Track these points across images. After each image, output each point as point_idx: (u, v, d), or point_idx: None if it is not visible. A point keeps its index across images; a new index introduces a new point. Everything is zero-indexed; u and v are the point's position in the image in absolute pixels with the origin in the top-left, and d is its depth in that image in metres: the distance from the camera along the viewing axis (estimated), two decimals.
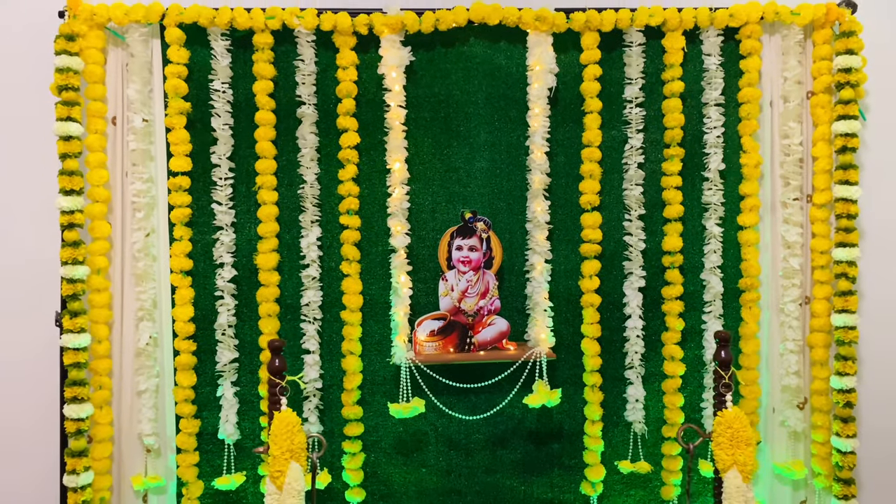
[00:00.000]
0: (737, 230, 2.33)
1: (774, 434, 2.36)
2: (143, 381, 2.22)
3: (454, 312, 2.28)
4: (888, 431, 2.47)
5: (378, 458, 2.35)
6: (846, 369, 2.24)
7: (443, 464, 2.37)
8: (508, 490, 2.38)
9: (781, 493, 2.37)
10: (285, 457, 1.38)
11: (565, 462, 2.38)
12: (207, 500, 2.30)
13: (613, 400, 2.35)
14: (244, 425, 2.29)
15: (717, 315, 2.33)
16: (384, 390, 2.34)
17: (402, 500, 2.36)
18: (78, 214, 2.11)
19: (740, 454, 1.41)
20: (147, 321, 2.22)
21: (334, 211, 2.29)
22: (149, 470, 2.25)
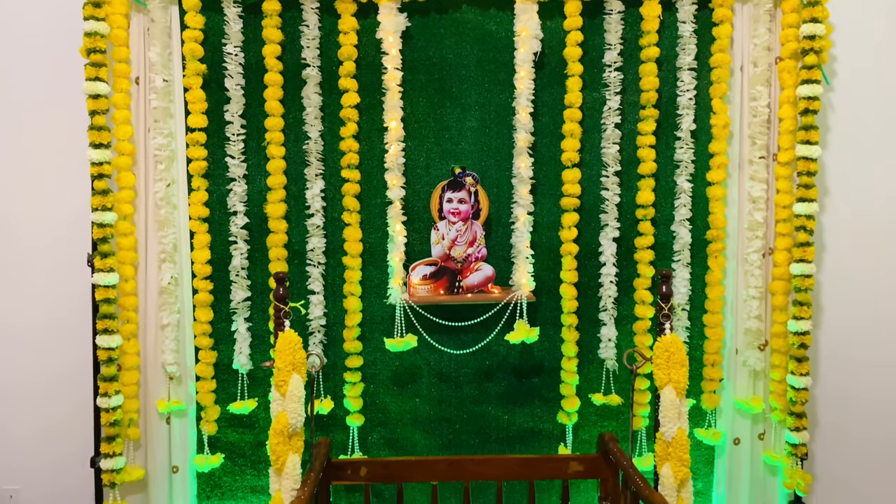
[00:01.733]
0: (705, 186, 2.53)
1: (737, 373, 2.58)
2: (165, 316, 2.48)
3: (445, 259, 2.50)
4: (841, 371, 2.70)
5: (376, 389, 2.61)
6: (802, 314, 2.44)
7: (434, 394, 2.62)
8: (493, 419, 2.63)
9: (742, 425, 2.60)
10: (288, 369, 1.63)
11: (544, 394, 2.62)
12: (223, 423, 2.57)
13: (588, 339, 2.58)
14: (256, 357, 2.56)
15: (686, 264, 2.55)
16: (381, 328, 2.58)
17: (398, 426, 2.62)
18: (106, 166, 2.35)
19: (675, 373, 1.64)
20: (169, 263, 2.47)
21: (336, 165, 2.51)
22: (171, 395, 2.53)
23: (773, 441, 2.60)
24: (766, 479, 2.62)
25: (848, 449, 2.74)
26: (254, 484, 2.59)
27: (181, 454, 2.54)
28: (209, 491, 2.59)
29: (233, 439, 2.58)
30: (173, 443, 2.54)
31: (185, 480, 2.55)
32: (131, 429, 2.48)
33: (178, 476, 2.54)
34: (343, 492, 2.56)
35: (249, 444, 2.59)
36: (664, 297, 1.71)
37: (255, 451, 2.59)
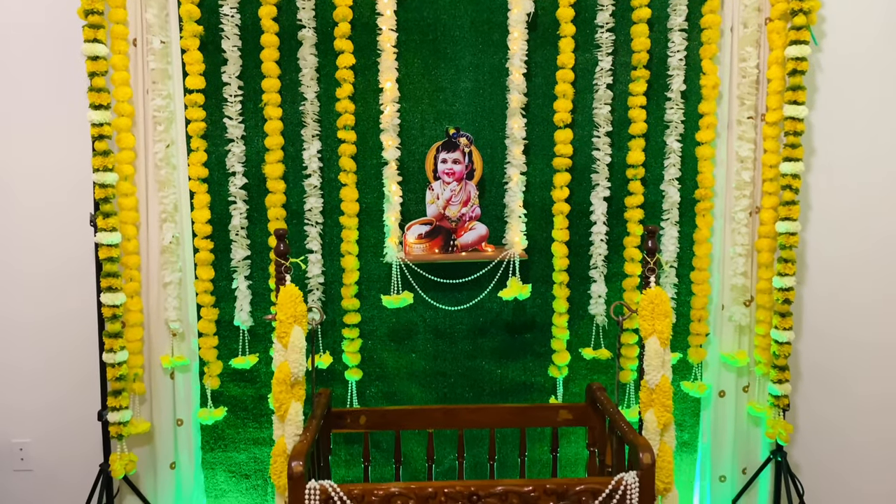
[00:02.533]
0: (695, 146, 2.58)
1: (723, 327, 2.67)
2: (167, 274, 2.55)
3: (439, 218, 2.56)
4: (823, 326, 2.79)
5: (374, 345, 2.69)
6: (786, 270, 2.52)
7: (430, 350, 2.70)
8: (487, 373, 2.72)
9: (727, 378, 2.70)
10: (290, 321, 1.70)
11: (536, 349, 2.71)
12: (225, 378, 2.66)
13: (579, 296, 2.66)
14: (256, 314, 2.63)
15: (674, 222, 2.61)
16: (378, 286, 2.65)
17: (395, 380, 2.71)
18: (106, 127, 2.39)
19: (659, 324, 1.72)
20: (169, 222, 2.53)
21: (333, 126, 2.55)
22: (175, 351, 2.60)
23: (756, 393, 2.70)
24: (749, 430, 2.73)
25: (828, 400, 2.84)
26: (255, 436, 2.69)
27: (185, 408, 2.63)
28: (213, 443, 2.68)
29: (235, 393, 2.67)
30: (177, 397, 2.62)
31: (189, 433, 2.64)
32: (137, 384, 2.56)
33: (182, 429, 2.63)
34: (342, 444, 2.66)
35: (251, 397, 2.67)
36: (650, 251, 1.78)
37: (257, 405, 2.68)
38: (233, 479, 2.70)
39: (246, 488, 2.71)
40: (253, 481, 2.71)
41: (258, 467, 2.70)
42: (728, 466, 2.72)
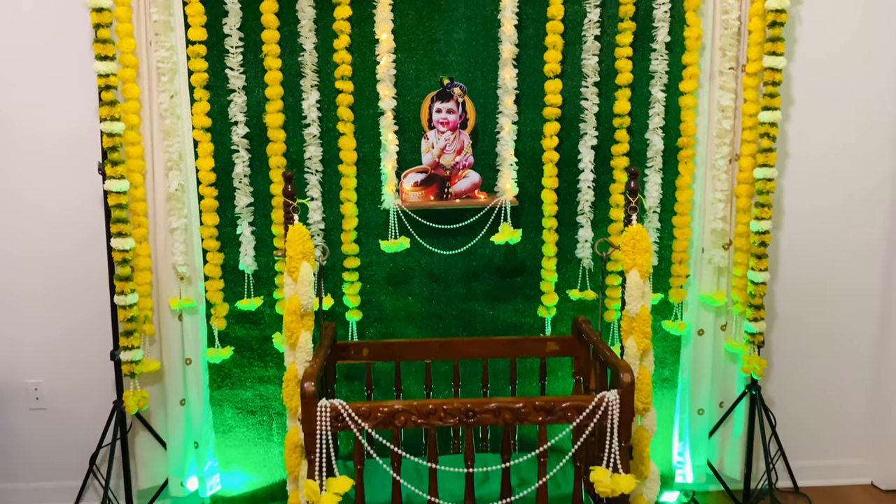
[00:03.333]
0: (678, 95, 2.70)
1: (702, 270, 2.82)
2: (174, 220, 2.66)
3: (434, 167, 2.68)
4: (797, 268, 2.95)
5: (372, 288, 2.82)
6: (763, 215, 2.66)
7: (426, 293, 2.84)
8: (480, 314, 2.86)
9: (706, 318, 2.86)
10: (299, 257, 1.82)
11: (526, 292, 2.85)
12: (231, 319, 2.79)
13: (567, 241, 2.79)
14: (260, 259, 2.75)
15: (658, 169, 2.74)
16: (376, 232, 2.77)
17: (393, 322, 2.85)
18: (112, 77, 2.47)
19: (640, 258, 1.86)
20: (175, 170, 2.63)
21: (330, 77, 2.64)
22: (182, 294, 2.73)
23: (733, 331, 2.86)
24: (726, 366, 2.90)
25: (800, 338, 3.01)
26: (261, 374, 2.83)
27: (193, 348, 2.77)
28: (220, 381, 2.83)
29: (241, 334, 2.81)
30: (186, 337, 2.76)
31: (197, 371, 2.79)
32: (147, 325, 2.69)
33: (191, 367, 2.77)
34: (344, 381, 2.81)
35: (256, 338, 2.81)
36: (632, 192, 1.90)
37: (262, 345, 2.82)
38: (239, 415, 2.85)
39: (252, 424, 2.87)
40: (259, 417, 2.86)
41: (263, 404, 2.86)
42: (706, 400, 2.89)
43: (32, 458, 2.93)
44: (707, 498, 2.99)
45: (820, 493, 3.03)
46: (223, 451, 2.87)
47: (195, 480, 2.86)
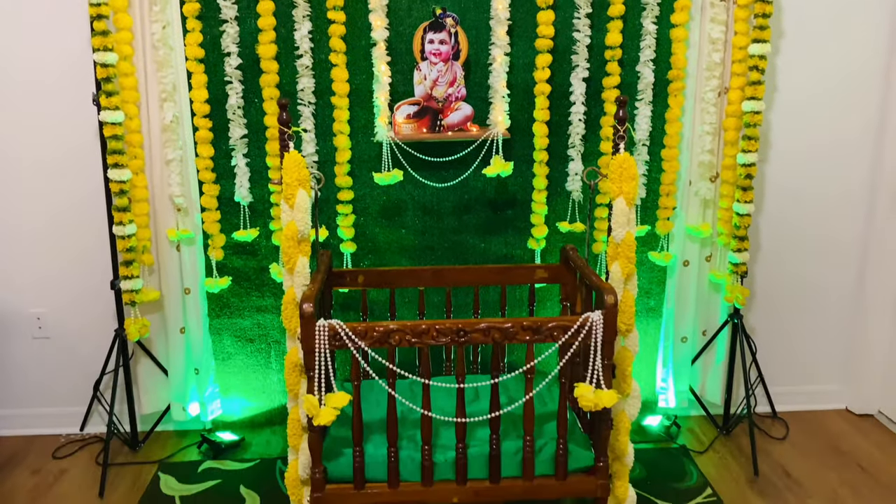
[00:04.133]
0: (669, 28, 2.71)
1: (689, 202, 2.89)
2: (170, 152, 2.69)
3: (427, 98, 2.70)
4: (781, 201, 3.02)
5: (366, 221, 2.88)
6: (750, 147, 2.71)
7: (419, 225, 2.90)
8: (471, 247, 2.93)
9: (691, 249, 2.94)
10: (295, 184, 1.87)
11: (517, 224, 2.91)
12: (228, 250, 2.85)
13: (557, 174, 2.84)
14: (255, 191, 2.80)
15: (648, 102, 2.77)
16: (369, 165, 2.81)
17: (386, 254, 2.92)
18: (103, 7, 2.46)
19: (626, 186, 1.91)
20: (169, 102, 2.65)
21: (323, 7, 2.64)
22: (180, 225, 2.78)
23: (717, 262, 2.95)
24: (710, 296, 3.00)
25: (782, 269, 3.11)
26: (258, 304, 2.91)
27: (192, 277, 2.84)
28: (219, 310, 2.91)
29: (238, 265, 2.87)
30: (184, 268, 2.82)
31: (196, 301, 2.86)
32: (145, 255, 2.75)
33: (190, 297, 2.85)
34: (339, 311, 2.89)
35: (253, 269, 2.88)
36: (620, 120, 1.94)
37: (259, 276, 2.89)
38: (238, 343, 2.94)
39: (251, 351, 2.96)
40: (257, 345, 2.96)
41: (262, 332, 2.94)
42: (689, 329, 3.00)
43: (38, 385, 3.03)
44: (688, 422, 3.13)
45: (797, 418, 3.17)
46: (223, 378, 2.97)
47: (196, 406, 2.97)
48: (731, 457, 2.87)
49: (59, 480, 2.74)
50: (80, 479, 2.74)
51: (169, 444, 2.97)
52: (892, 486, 2.68)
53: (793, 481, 2.71)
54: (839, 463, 2.84)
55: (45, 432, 3.05)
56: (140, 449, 2.93)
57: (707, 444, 2.95)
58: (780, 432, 3.06)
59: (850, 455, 2.89)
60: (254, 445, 2.95)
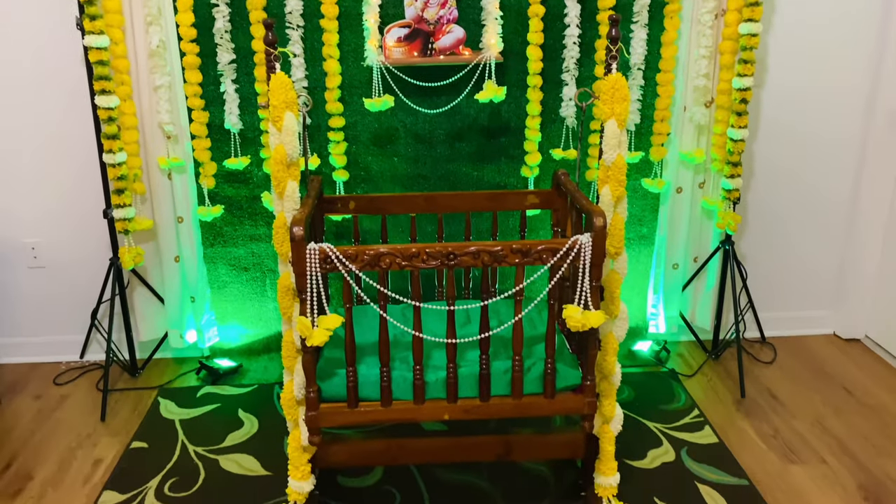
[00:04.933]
0: None
1: (683, 128, 2.86)
2: (157, 77, 2.65)
3: (417, 21, 2.64)
4: (776, 127, 3.00)
5: (358, 149, 2.86)
6: (745, 71, 2.67)
7: (411, 154, 2.88)
8: (464, 175, 2.92)
9: (684, 176, 2.93)
10: (282, 107, 1.85)
11: (510, 152, 2.89)
12: (220, 179, 2.84)
13: (551, 99, 2.80)
14: (245, 118, 2.77)
15: (643, 25, 2.72)
16: (360, 91, 2.77)
17: (379, 183, 2.91)
18: None
19: (618, 107, 1.89)
20: (155, 25, 2.59)
21: None
22: (170, 153, 2.76)
23: (710, 189, 2.94)
24: (702, 223, 3.01)
25: (775, 196, 3.11)
26: (252, 233, 2.92)
27: (184, 206, 2.84)
28: (212, 239, 2.91)
29: (230, 194, 2.87)
30: (176, 196, 2.82)
31: (190, 229, 2.87)
32: (137, 183, 2.74)
33: (183, 226, 2.85)
34: (332, 238, 2.90)
35: (245, 197, 2.87)
36: (613, 40, 1.91)
37: (251, 204, 2.89)
38: (233, 271, 2.97)
39: (246, 280, 2.98)
40: (252, 273, 2.98)
41: (256, 261, 2.96)
42: (681, 256, 3.02)
43: (37, 314, 3.07)
44: (678, 347, 3.18)
45: (785, 343, 3.23)
46: (219, 306, 3.00)
47: (193, 333, 3.01)
48: (718, 380, 2.93)
49: (62, 406, 2.81)
50: (81, 405, 2.81)
51: (167, 370, 3.03)
52: (874, 408, 2.75)
53: (778, 403, 2.78)
54: (824, 385, 2.90)
55: (46, 360, 3.10)
56: (139, 375, 2.99)
57: (696, 368, 3.01)
58: (767, 356, 3.12)
59: (836, 378, 2.95)
60: (251, 371, 3.01)
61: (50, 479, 2.38)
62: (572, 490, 2.29)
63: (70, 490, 2.33)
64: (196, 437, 2.57)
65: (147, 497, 2.28)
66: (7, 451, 2.53)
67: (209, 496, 2.28)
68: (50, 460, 2.47)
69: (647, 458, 2.44)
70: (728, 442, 2.53)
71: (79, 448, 2.54)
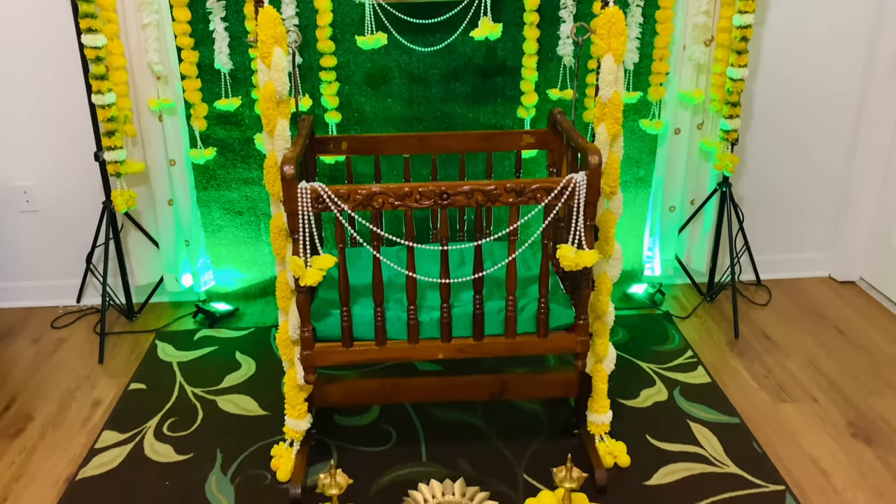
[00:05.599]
0: None
1: (682, 67, 2.81)
2: (144, 16, 2.58)
3: None
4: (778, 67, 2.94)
5: (351, 90, 2.81)
6: (746, 8, 2.60)
7: (405, 94, 2.83)
8: (460, 116, 2.88)
9: (683, 116, 2.89)
10: (270, 42, 1.80)
11: (506, 93, 2.84)
12: (212, 121, 2.80)
13: (548, 37, 2.75)
14: (235, 58, 2.71)
15: None
16: (353, 30, 2.70)
17: (373, 125, 2.87)
18: None
19: (615, 42, 1.85)
20: None
21: None
22: (160, 94, 2.71)
23: (709, 130, 2.91)
24: (700, 165, 2.98)
25: (774, 138, 3.07)
26: (245, 176, 2.89)
27: (176, 149, 2.80)
28: (206, 182, 2.89)
29: (222, 136, 2.83)
30: (168, 138, 2.78)
31: (182, 172, 2.84)
32: (127, 125, 2.70)
33: (175, 168, 2.82)
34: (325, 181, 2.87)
35: (238, 140, 2.84)
36: None
37: (244, 147, 2.85)
38: (227, 215, 2.95)
39: (240, 224, 2.97)
40: (246, 217, 2.96)
41: (250, 205, 2.94)
42: (678, 198, 3.00)
43: (32, 258, 3.06)
44: (673, 290, 3.19)
45: (780, 285, 3.24)
46: (214, 250, 3.00)
47: (189, 277, 3.02)
48: (713, 322, 2.95)
49: (60, 348, 2.82)
50: (79, 348, 2.83)
51: (164, 314, 3.04)
52: (866, 348, 2.77)
53: (771, 343, 2.80)
54: (818, 327, 2.92)
55: (43, 304, 3.11)
56: (136, 319, 3.00)
57: (690, 310, 3.02)
58: (762, 299, 3.13)
59: (829, 319, 2.97)
60: (248, 315, 3.02)
61: (50, 420, 2.41)
62: (565, 428, 2.32)
63: (70, 430, 2.36)
64: (194, 379, 2.60)
65: (146, 436, 2.31)
66: (7, 393, 2.55)
67: (208, 435, 2.31)
68: (49, 402, 2.50)
69: (639, 397, 2.47)
70: (720, 382, 2.55)
71: (77, 390, 2.57)
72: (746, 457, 2.19)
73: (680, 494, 2.05)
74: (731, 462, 2.17)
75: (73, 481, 2.13)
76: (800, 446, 2.25)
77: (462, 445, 2.24)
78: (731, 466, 2.15)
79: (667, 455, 2.20)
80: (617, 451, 2.16)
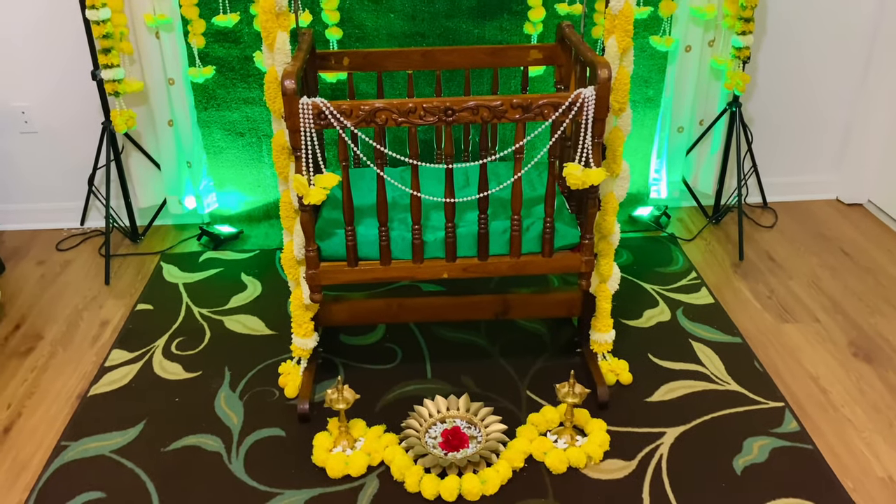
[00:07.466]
0: None
1: None
2: None
3: None
4: None
5: (352, 5, 2.71)
6: None
7: (408, 9, 2.74)
8: (465, 32, 2.79)
9: (694, 33, 2.80)
10: None
11: (513, 7, 2.75)
12: (210, 38, 2.72)
13: None
14: None
15: None
16: None
17: (374, 41, 2.79)
18: None
19: None
20: None
21: None
22: (156, 10, 2.63)
23: (720, 48, 2.83)
24: (710, 84, 2.91)
25: (787, 57, 2.99)
26: (245, 96, 2.84)
27: (175, 67, 2.74)
28: (205, 102, 2.84)
29: (221, 54, 2.76)
30: (165, 56, 2.71)
31: (182, 91, 2.78)
32: (124, 42, 2.63)
33: (175, 88, 2.77)
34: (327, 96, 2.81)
35: (237, 58, 2.77)
36: None
37: (244, 66, 2.79)
38: (229, 136, 2.91)
39: (242, 145, 2.93)
40: (248, 139, 2.92)
41: (251, 126, 2.90)
42: (687, 118, 2.95)
43: (34, 181, 3.05)
44: (679, 212, 3.17)
45: (787, 208, 3.21)
46: (216, 172, 2.97)
47: (192, 199, 3.00)
48: (718, 244, 2.94)
49: (65, 270, 2.84)
50: (84, 269, 2.84)
51: (168, 236, 3.04)
52: (869, 268, 2.77)
53: (776, 264, 2.80)
54: (822, 248, 2.91)
55: (47, 227, 3.11)
56: (141, 241, 3.01)
57: (696, 232, 3.01)
58: (768, 221, 3.12)
59: (835, 241, 2.96)
60: (252, 237, 3.02)
61: (59, 339, 2.44)
62: (568, 347, 2.35)
63: (79, 349, 2.40)
64: (200, 300, 2.62)
65: (155, 355, 2.34)
66: (16, 313, 2.58)
67: (216, 354, 2.34)
68: (58, 321, 2.53)
69: (642, 317, 2.49)
70: (724, 302, 2.57)
71: (85, 310, 2.59)
72: (747, 375, 2.21)
73: (681, 410, 2.08)
74: (732, 380, 2.20)
75: (86, 397, 2.17)
76: (801, 365, 2.27)
77: (466, 363, 2.27)
78: (732, 384, 2.18)
79: (668, 373, 2.23)
80: (619, 368, 2.19)
